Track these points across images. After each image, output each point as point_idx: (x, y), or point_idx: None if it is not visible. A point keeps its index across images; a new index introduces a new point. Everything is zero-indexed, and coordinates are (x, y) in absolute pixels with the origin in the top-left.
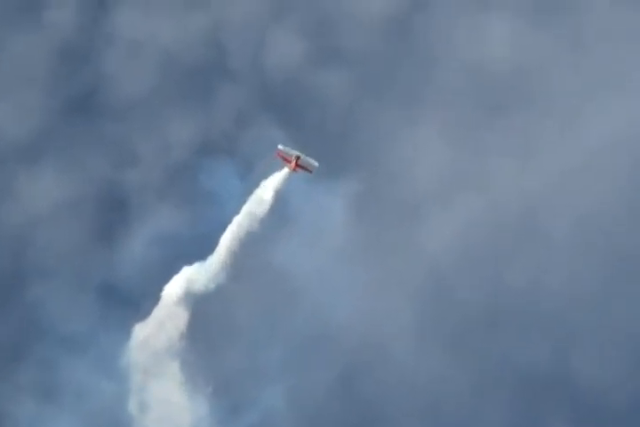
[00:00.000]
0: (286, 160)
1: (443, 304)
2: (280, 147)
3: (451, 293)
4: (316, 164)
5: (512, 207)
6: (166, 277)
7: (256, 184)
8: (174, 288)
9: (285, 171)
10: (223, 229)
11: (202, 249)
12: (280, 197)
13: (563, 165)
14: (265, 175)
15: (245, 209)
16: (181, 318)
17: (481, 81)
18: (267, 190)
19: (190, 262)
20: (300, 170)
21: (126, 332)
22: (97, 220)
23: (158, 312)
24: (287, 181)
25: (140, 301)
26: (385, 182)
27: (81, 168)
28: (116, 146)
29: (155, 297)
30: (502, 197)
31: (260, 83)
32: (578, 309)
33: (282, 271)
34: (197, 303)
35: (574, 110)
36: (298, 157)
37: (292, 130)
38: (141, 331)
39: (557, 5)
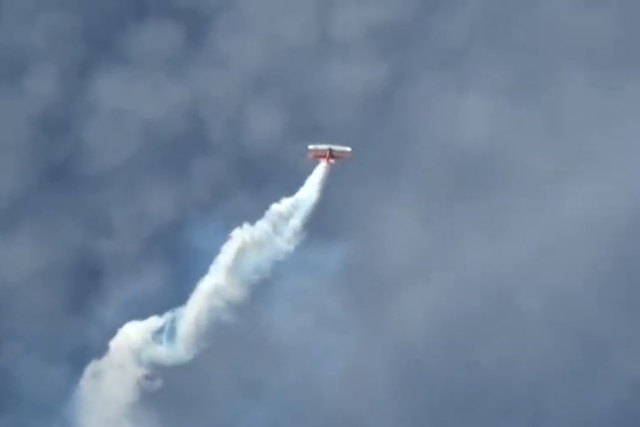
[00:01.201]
0: (320, 156)
1: (415, 380)
2: (310, 147)
3: (423, 369)
4: (349, 149)
5: (485, 285)
6: None
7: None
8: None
9: (322, 165)
10: None
11: None
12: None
13: (535, 245)
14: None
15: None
16: (147, 387)
17: (456, 159)
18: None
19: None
20: (335, 160)
21: None
22: (71, 288)
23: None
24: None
25: None
26: (361, 256)
27: (56, 236)
28: (92, 215)
29: None
30: (475, 276)
31: (238, 156)
32: (550, 388)
33: (265, 335)
34: (168, 373)
35: (548, 190)
36: (330, 150)
37: (269, 203)
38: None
39: (533, 87)
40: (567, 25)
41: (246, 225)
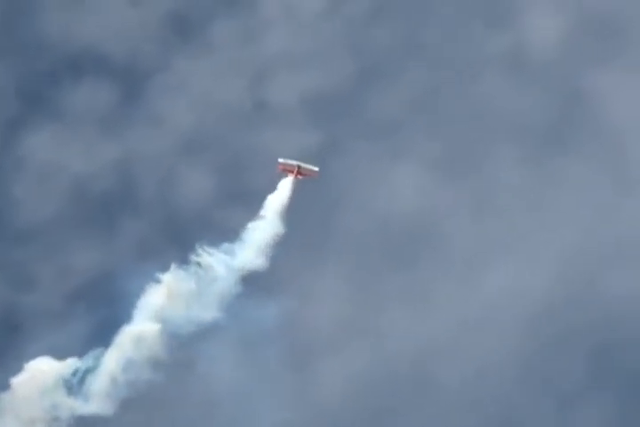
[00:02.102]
0: (288, 171)
1: None
2: (280, 160)
3: None
4: (316, 168)
5: (405, 357)
6: None
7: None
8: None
9: (289, 179)
10: None
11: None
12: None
13: (457, 319)
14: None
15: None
16: None
17: (386, 229)
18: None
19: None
20: (301, 177)
21: None
22: None
23: None
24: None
25: None
26: (292, 315)
27: None
28: (14, 269)
29: None
30: (396, 347)
31: (167, 216)
32: None
33: (193, 388)
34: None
35: (473, 265)
36: (299, 166)
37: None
38: None
39: (465, 161)
40: (501, 102)
41: (174, 274)
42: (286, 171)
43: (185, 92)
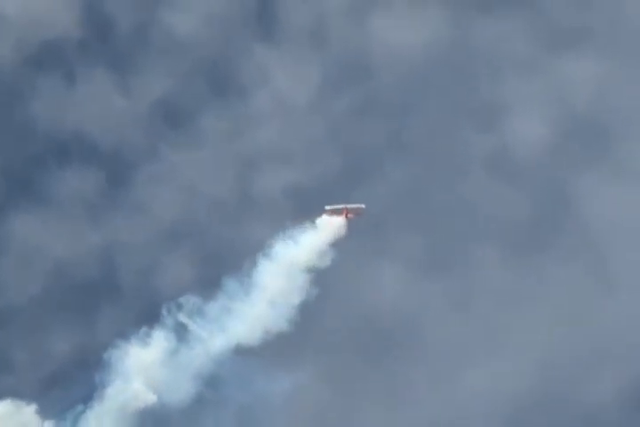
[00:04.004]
0: (337, 214)
1: None
2: (327, 207)
3: None
4: (363, 205)
5: None
6: None
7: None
8: None
9: (341, 219)
10: None
11: None
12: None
13: (433, 417)
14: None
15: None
16: None
17: (365, 324)
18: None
19: None
20: (351, 216)
21: None
22: None
23: None
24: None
25: None
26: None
27: None
28: None
29: None
30: None
31: (147, 304)
32: None
33: None
34: None
35: (451, 365)
36: (346, 208)
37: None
38: None
39: (448, 260)
40: (484, 202)
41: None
42: (334, 214)
43: (171, 182)
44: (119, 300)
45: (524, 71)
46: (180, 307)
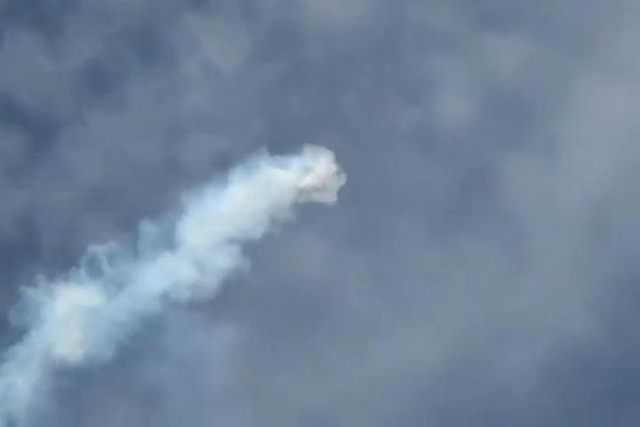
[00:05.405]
0: None
1: None
2: None
3: None
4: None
5: (288, 424)
6: None
7: None
8: None
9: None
10: None
11: None
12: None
13: (345, 388)
14: None
15: None
16: None
17: (285, 296)
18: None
19: None
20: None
21: None
22: None
23: None
24: None
25: None
26: None
27: None
28: None
29: None
30: (281, 413)
31: (66, 264)
32: None
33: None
34: None
35: (365, 337)
36: None
37: None
38: None
39: (368, 233)
40: (408, 177)
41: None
42: None
43: (96, 145)
44: (39, 258)
45: (451, 47)
46: (100, 258)
